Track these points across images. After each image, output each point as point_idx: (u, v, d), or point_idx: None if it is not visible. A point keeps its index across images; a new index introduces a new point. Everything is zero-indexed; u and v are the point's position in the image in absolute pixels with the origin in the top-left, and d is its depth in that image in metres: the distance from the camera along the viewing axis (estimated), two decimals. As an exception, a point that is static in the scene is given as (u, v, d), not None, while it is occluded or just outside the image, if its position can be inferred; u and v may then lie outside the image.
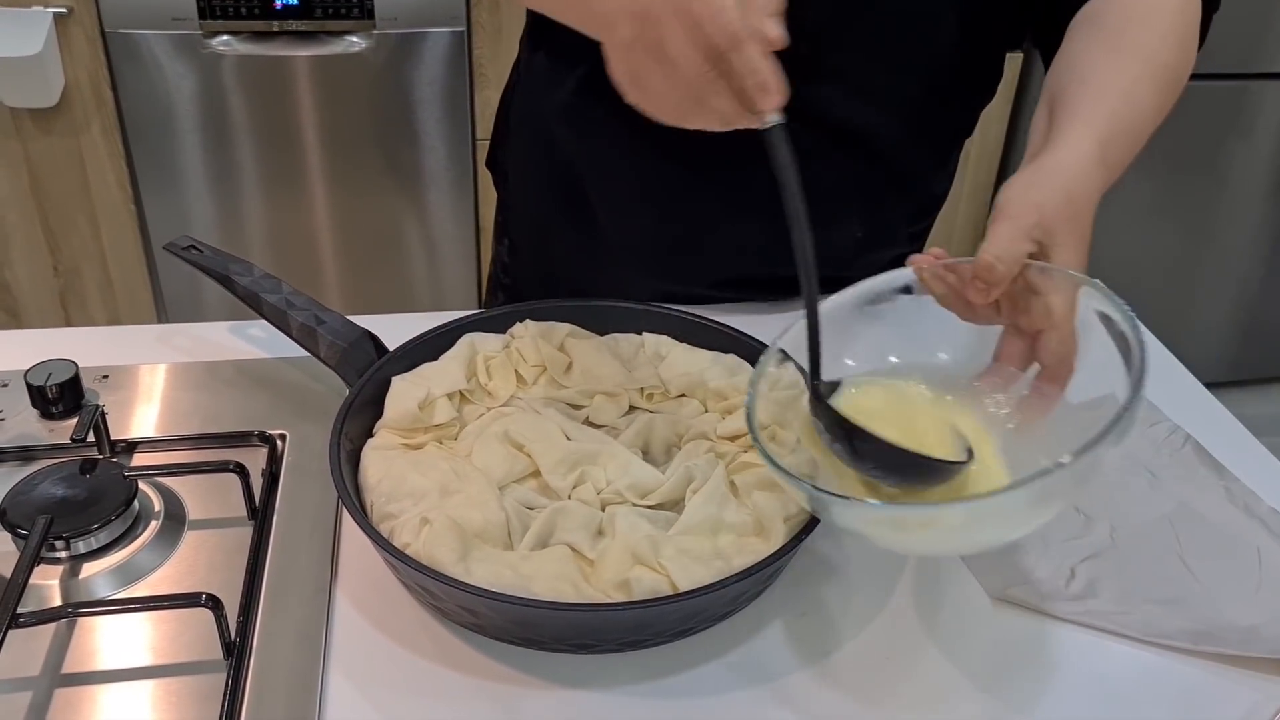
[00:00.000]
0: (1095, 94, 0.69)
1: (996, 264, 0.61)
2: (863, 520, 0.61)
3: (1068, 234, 0.62)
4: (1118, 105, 0.69)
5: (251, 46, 1.97)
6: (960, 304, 0.65)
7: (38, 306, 2.17)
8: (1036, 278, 0.62)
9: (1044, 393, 0.63)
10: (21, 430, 0.80)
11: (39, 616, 0.63)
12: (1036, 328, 0.63)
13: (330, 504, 0.75)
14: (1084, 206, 0.64)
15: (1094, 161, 0.65)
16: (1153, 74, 0.73)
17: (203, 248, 0.87)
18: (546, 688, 0.64)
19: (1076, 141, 0.66)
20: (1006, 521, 0.58)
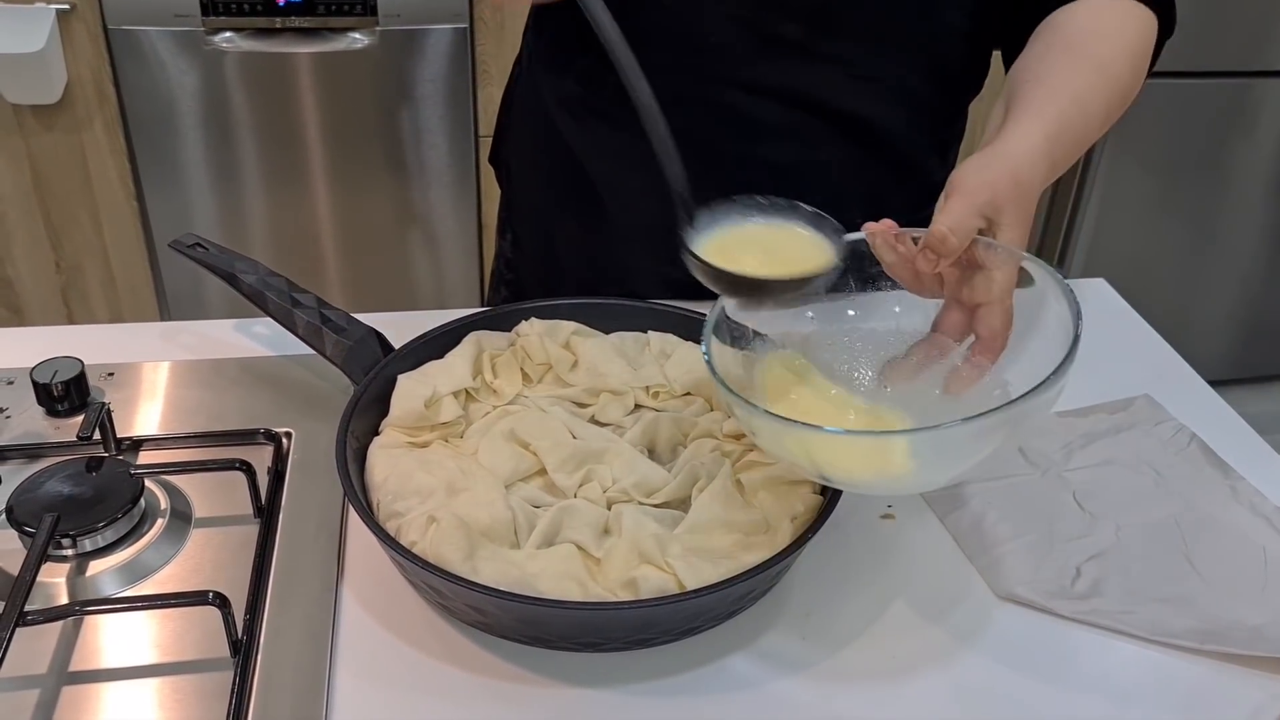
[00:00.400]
0: (1048, 93, 0.73)
1: (950, 235, 0.64)
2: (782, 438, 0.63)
3: (1014, 214, 0.66)
4: (1067, 107, 0.73)
5: (254, 43, 1.96)
6: (908, 274, 0.67)
7: (40, 303, 2.17)
8: (983, 253, 0.65)
9: (976, 365, 0.66)
10: (27, 428, 0.80)
11: (46, 614, 0.63)
12: (977, 301, 0.66)
13: (336, 502, 0.75)
14: (1029, 191, 0.67)
15: (1041, 154, 0.69)
16: (1105, 84, 0.77)
17: (208, 245, 0.87)
18: (553, 686, 0.64)
19: (1027, 134, 0.70)
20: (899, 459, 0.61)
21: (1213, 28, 2.07)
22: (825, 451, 0.63)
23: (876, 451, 0.63)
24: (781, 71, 0.89)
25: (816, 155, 0.93)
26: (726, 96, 0.90)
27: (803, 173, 0.93)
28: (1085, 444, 0.84)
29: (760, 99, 0.90)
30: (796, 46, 0.88)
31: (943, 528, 0.76)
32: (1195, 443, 0.84)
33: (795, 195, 0.95)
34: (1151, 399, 0.89)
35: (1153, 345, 0.99)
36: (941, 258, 0.64)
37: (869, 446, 0.64)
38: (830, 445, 0.63)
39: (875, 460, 0.63)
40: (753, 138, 0.92)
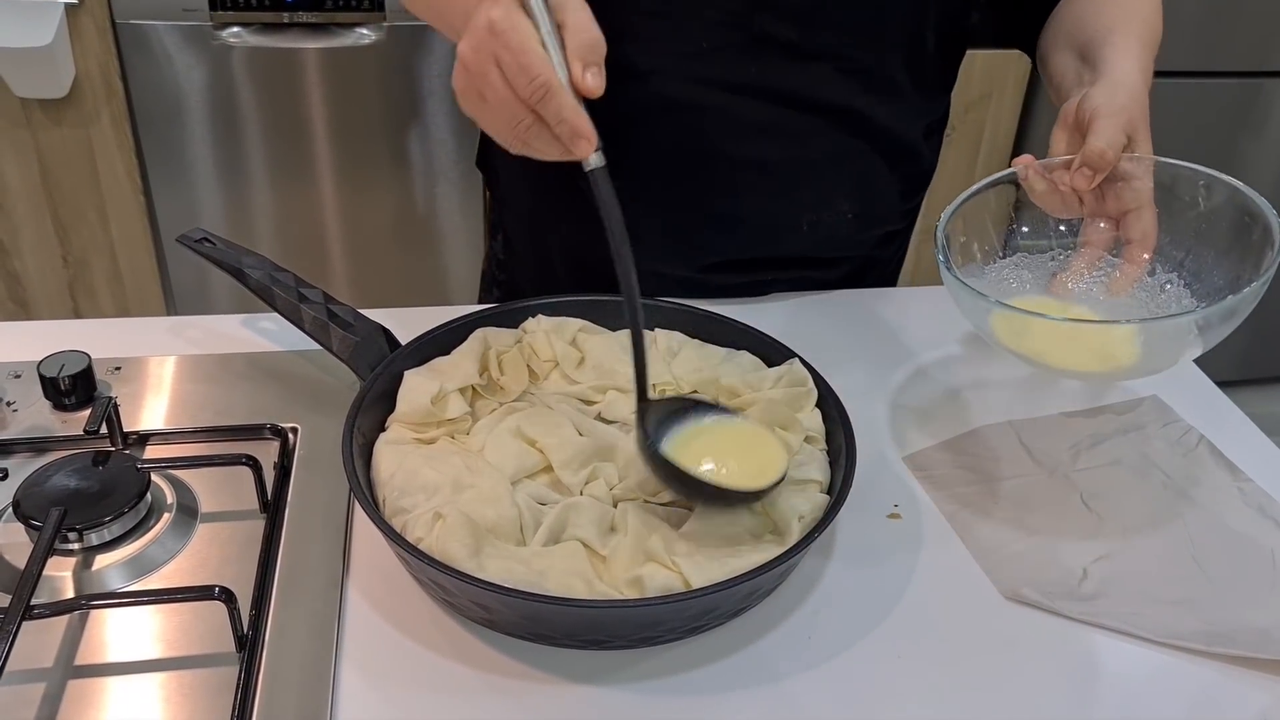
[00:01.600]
0: (1126, 35, 0.84)
1: (1107, 150, 0.73)
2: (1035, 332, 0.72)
3: (1144, 130, 0.76)
4: (1147, 48, 0.84)
5: (261, 38, 1.97)
6: (1055, 199, 0.77)
7: (47, 297, 2.18)
8: (1127, 166, 0.75)
9: (1134, 264, 0.76)
10: (34, 421, 0.80)
11: (53, 608, 0.63)
12: (1126, 209, 0.75)
13: (342, 497, 0.75)
14: (1147, 110, 0.78)
15: (1142, 81, 0.80)
16: (1153, 34, 0.88)
17: (215, 240, 0.87)
18: (558, 683, 0.64)
19: (1128, 65, 0.80)
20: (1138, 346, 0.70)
21: (1222, 28, 2.07)
22: (1067, 344, 0.72)
23: (1108, 342, 0.71)
24: (771, 71, 0.90)
25: (805, 152, 0.94)
26: (715, 99, 0.91)
27: (791, 170, 0.94)
28: (1093, 444, 0.83)
29: (749, 99, 0.91)
30: (787, 45, 0.89)
31: (949, 527, 0.76)
32: (1204, 444, 0.84)
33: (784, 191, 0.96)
34: (1160, 400, 0.89)
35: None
36: (1098, 172, 0.73)
37: (1106, 337, 0.72)
38: (1074, 337, 0.72)
39: (1105, 350, 0.71)
40: (741, 138, 0.93)
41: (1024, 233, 0.82)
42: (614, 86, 0.79)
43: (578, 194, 0.98)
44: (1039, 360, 0.73)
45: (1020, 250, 0.82)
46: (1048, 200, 0.77)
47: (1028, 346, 0.73)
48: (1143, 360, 0.71)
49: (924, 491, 0.79)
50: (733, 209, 0.97)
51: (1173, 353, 0.72)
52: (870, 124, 0.95)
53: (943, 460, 0.82)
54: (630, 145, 0.94)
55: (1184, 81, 2.12)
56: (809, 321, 0.97)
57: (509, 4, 0.65)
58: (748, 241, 0.98)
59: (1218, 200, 0.76)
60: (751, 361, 0.82)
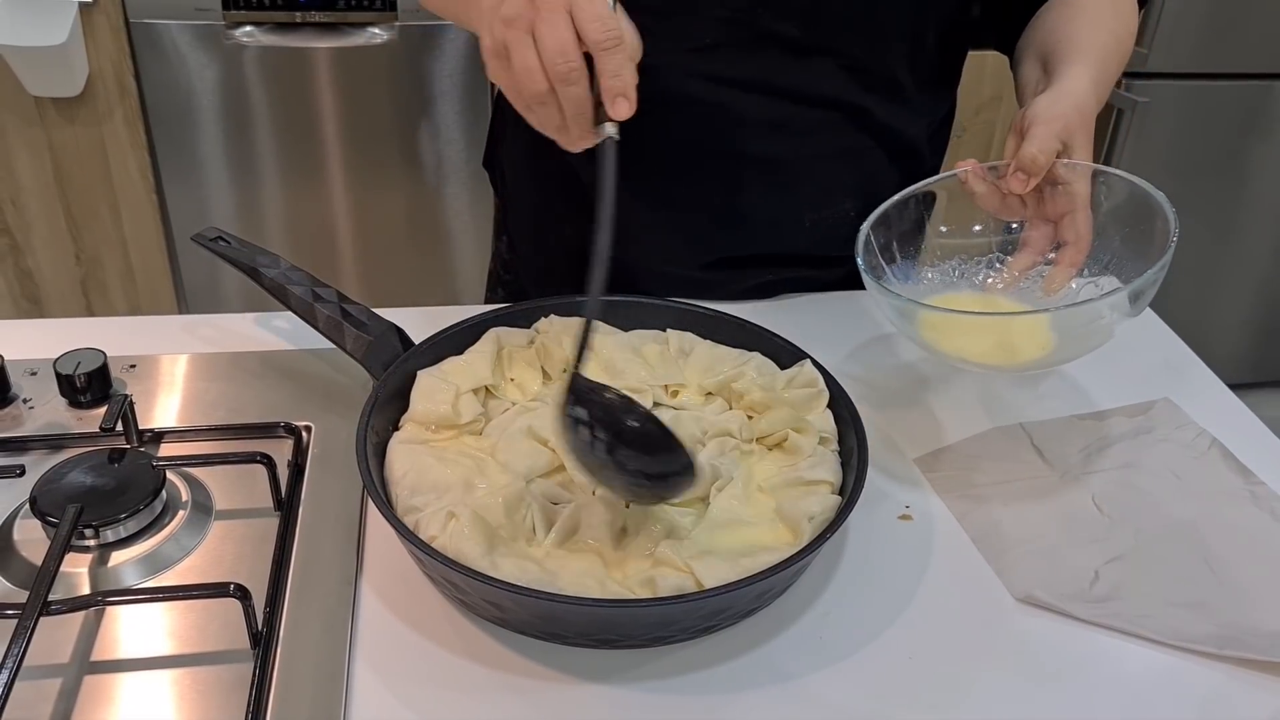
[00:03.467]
0: (1086, 49, 0.86)
1: (1039, 155, 0.76)
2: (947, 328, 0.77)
3: (1082, 137, 0.78)
4: (1101, 60, 0.86)
5: (274, 38, 1.97)
6: (996, 201, 0.80)
7: (59, 294, 2.19)
8: (1062, 171, 0.78)
9: (1067, 266, 0.79)
10: (50, 419, 0.81)
11: (69, 604, 0.63)
12: (1061, 212, 0.78)
13: (355, 496, 0.75)
14: (1090, 119, 0.80)
15: (1091, 94, 0.81)
16: (1118, 48, 0.90)
17: (230, 239, 0.88)
18: (570, 682, 0.64)
19: (1079, 78, 0.82)
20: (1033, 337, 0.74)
21: (1231, 30, 2.06)
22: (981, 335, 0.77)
23: (1027, 331, 0.75)
24: (773, 67, 0.91)
25: (807, 148, 0.95)
26: (718, 95, 0.92)
27: (793, 166, 0.95)
28: (1104, 447, 0.83)
29: (751, 95, 0.92)
30: (788, 42, 0.90)
31: (960, 529, 0.76)
32: (1215, 447, 0.84)
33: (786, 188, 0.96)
34: (1172, 403, 0.89)
35: (1173, 348, 0.98)
36: (1032, 176, 0.76)
37: (1024, 326, 0.76)
38: (987, 329, 0.76)
39: (1025, 339, 0.75)
40: (743, 134, 0.94)
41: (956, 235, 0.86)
42: None
43: (579, 194, 0.99)
44: (959, 356, 0.77)
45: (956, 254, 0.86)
46: (989, 202, 0.80)
47: (948, 344, 0.77)
48: (1058, 348, 0.74)
49: (935, 493, 0.79)
50: (735, 205, 0.97)
51: (1088, 338, 0.75)
52: (872, 121, 0.95)
53: (954, 462, 0.82)
54: (633, 141, 0.94)
55: (1193, 84, 2.11)
56: (820, 323, 0.97)
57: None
58: (750, 238, 0.99)
59: (1119, 198, 0.79)
60: (763, 363, 0.82)
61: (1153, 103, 2.09)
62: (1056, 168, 0.77)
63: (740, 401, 0.79)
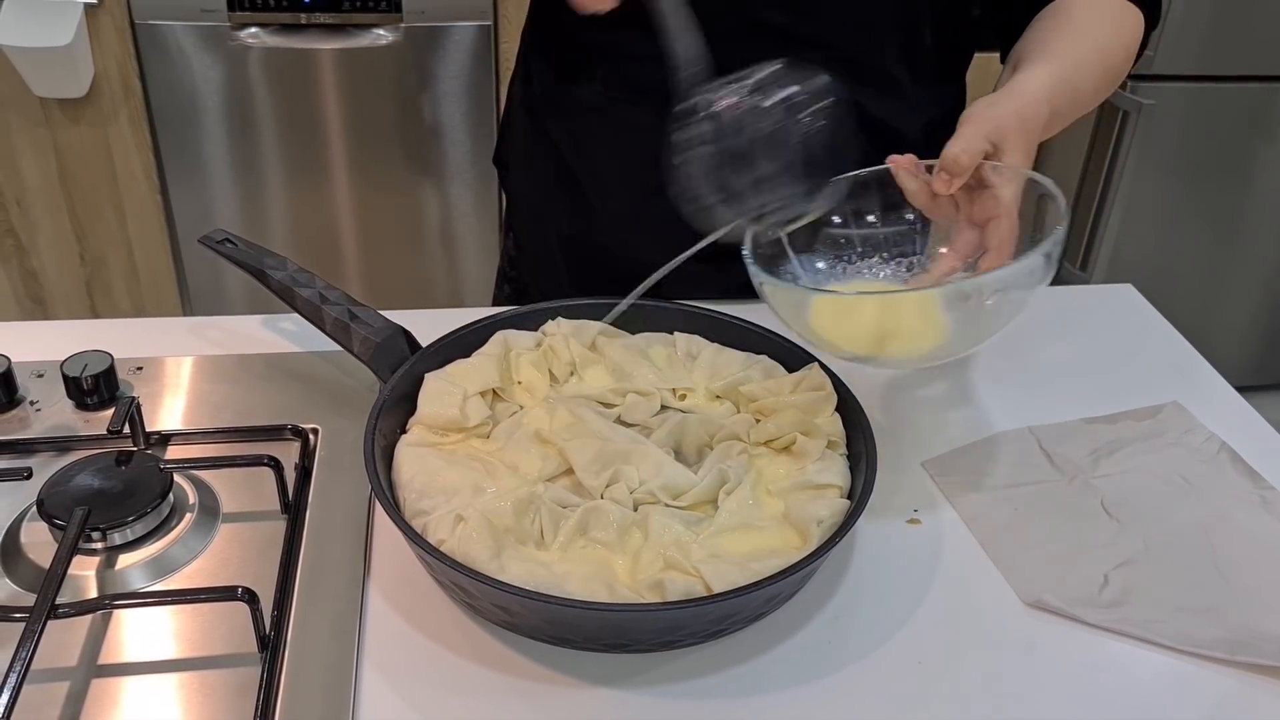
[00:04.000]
0: (1053, 55, 0.83)
1: (960, 155, 0.72)
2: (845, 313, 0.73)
3: (1017, 142, 0.74)
4: (1069, 68, 0.82)
5: (279, 39, 1.97)
6: (926, 198, 0.76)
7: (64, 295, 2.19)
8: (989, 174, 0.74)
9: (984, 271, 0.74)
10: (57, 421, 0.81)
11: (77, 608, 0.63)
12: (987, 216, 0.74)
13: (362, 499, 0.75)
14: (1031, 125, 0.76)
15: (1043, 97, 0.78)
16: (1101, 61, 0.86)
17: (237, 241, 0.88)
18: (578, 686, 0.64)
19: (1031, 81, 0.79)
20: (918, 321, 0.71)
21: (1237, 32, 2.06)
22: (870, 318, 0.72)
23: (918, 311, 0.71)
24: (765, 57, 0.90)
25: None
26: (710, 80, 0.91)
27: None
28: (1113, 451, 0.83)
29: None
30: (780, 33, 0.90)
31: (969, 533, 0.76)
32: (1224, 451, 0.84)
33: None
34: (1180, 406, 0.88)
35: (1180, 351, 0.98)
36: (954, 177, 0.73)
37: (911, 306, 0.72)
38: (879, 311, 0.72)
39: (916, 321, 0.71)
40: None
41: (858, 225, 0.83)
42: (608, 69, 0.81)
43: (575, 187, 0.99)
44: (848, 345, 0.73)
45: (857, 245, 0.83)
46: (919, 200, 0.77)
47: (836, 332, 0.73)
48: (955, 334, 0.71)
49: (944, 497, 0.79)
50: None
51: (984, 318, 0.72)
52: (866, 116, 0.95)
53: (963, 466, 0.82)
54: (625, 130, 0.95)
55: (1198, 86, 2.11)
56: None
57: None
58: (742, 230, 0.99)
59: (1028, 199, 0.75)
60: (771, 366, 0.82)
61: (1158, 105, 2.08)
62: (983, 170, 0.74)
63: (748, 405, 0.79)
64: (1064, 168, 2.29)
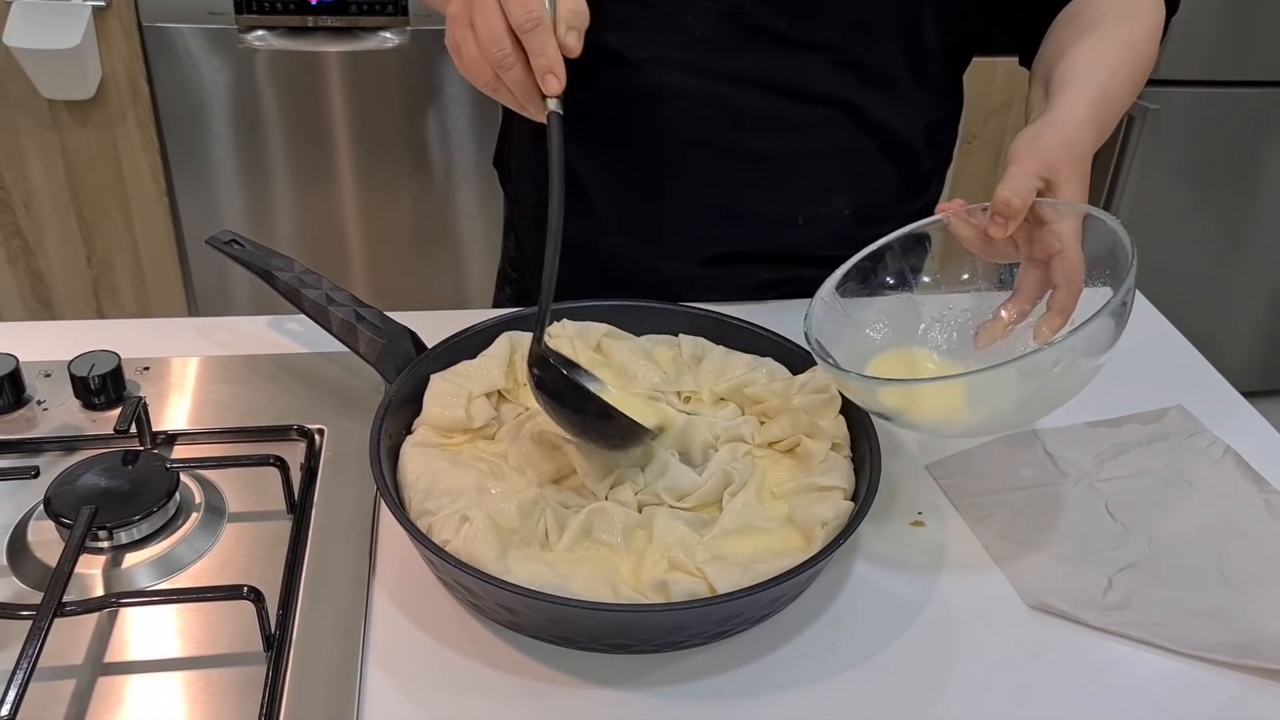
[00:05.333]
0: (1086, 68, 0.81)
1: (1012, 199, 0.70)
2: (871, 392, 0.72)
3: (1069, 173, 0.72)
4: (1104, 78, 0.80)
5: (286, 42, 1.98)
6: (983, 243, 0.74)
7: (70, 297, 2.19)
8: (1046, 211, 0.72)
9: (1058, 312, 0.72)
10: (64, 420, 0.81)
11: (83, 606, 0.63)
12: (1048, 254, 0.72)
13: (368, 499, 0.75)
14: (1081, 152, 0.74)
15: (1087, 119, 0.76)
16: (1131, 59, 0.84)
17: (244, 242, 0.88)
18: (582, 686, 0.64)
19: (1073, 103, 0.77)
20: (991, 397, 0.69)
21: (1244, 37, 2.06)
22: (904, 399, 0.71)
23: (941, 396, 0.69)
24: (764, 61, 0.91)
25: (800, 144, 0.95)
26: (713, 88, 0.92)
27: (786, 162, 0.95)
28: (1118, 454, 0.83)
29: (745, 89, 0.92)
30: (779, 36, 0.90)
31: (973, 535, 0.76)
32: (1229, 455, 0.84)
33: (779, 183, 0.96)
34: (1185, 410, 0.88)
35: (1186, 355, 0.98)
36: (1009, 220, 0.71)
37: (932, 392, 0.70)
38: (905, 394, 0.71)
39: (942, 404, 0.69)
40: (735, 128, 0.94)
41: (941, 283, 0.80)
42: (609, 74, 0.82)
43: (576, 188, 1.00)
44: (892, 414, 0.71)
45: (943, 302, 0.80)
46: (976, 246, 0.75)
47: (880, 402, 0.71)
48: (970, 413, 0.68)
49: (948, 499, 0.79)
50: (728, 200, 0.97)
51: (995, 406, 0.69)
52: (865, 118, 0.95)
53: (967, 468, 0.82)
54: (627, 134, 0.95)
55: (1205, 91, 2.11)
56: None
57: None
58: (744, 234, 0.99)
59: (1101, 244, 0.72)
60: (775, 368, 0.82)
61: (1165, 110, 2.08)
62: (1040, 208, 0.72)
63: (753, 407, 0.79)
64: (1069, 172, 2.29)
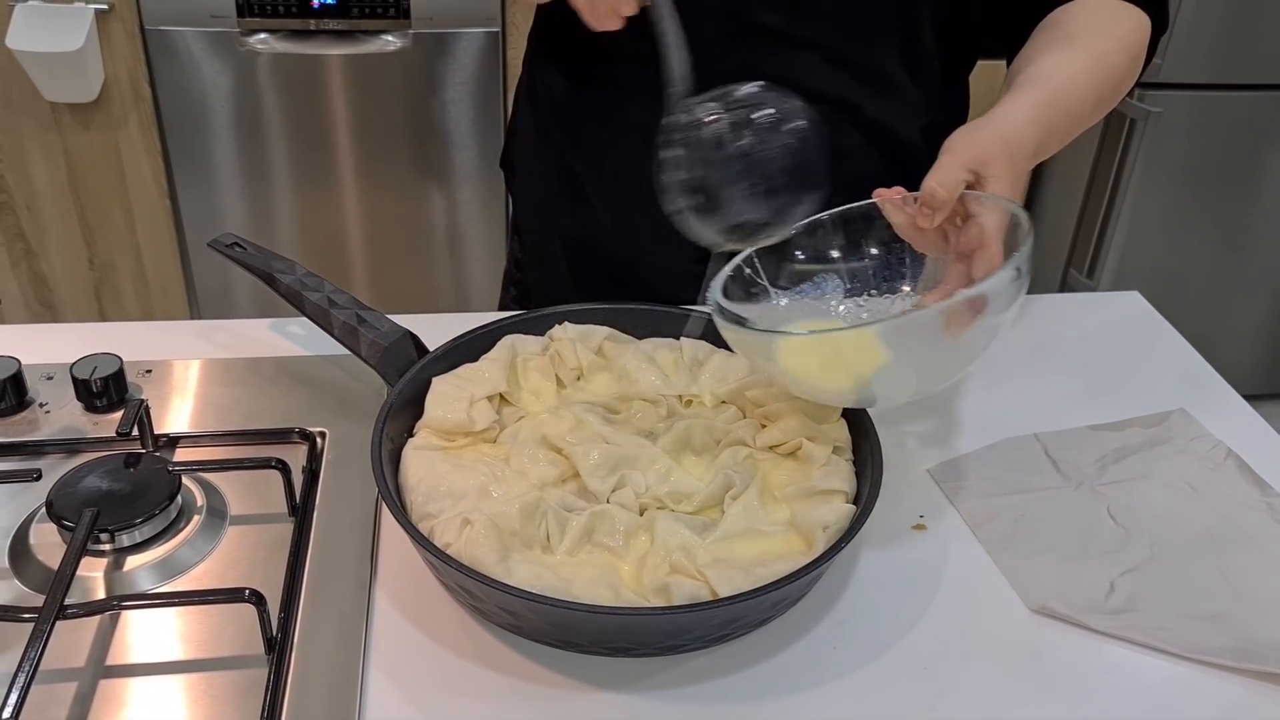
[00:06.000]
0: (1044, 75, 0.80)
1: (938, 189, 0.70)
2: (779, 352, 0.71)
3: (1000, 169, 0.72)
4: (1060, 84, 0.80)
5: (288, 45, 1.98)
6: (914, 232, 0.74)
7: (73, 299, 2.20)
8: (973, 204, 0.71)
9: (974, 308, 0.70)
10: (66, 423, 0.81)
11: (85, 609, 0.63)
12: (971, 247, 0.71)
13: (369, 502, 0.75)
14: (1017, 150, 0.73)
15: (1030, 119, 0.75)
16: (1098, 70, 0.83)
17: (246, 245, 0.88)
18: (583, 690, 0.64)
19: (1017, 102, 0.77)
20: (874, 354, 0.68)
21: (1245, 40, 2.06)
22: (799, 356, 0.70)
23: (857, 349, 0.68)
24: (762, 58, 0.91)
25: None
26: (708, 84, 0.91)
27: None
28: (1119, 458, 0.83)
29: None
30: (775, 33, 0.90)
31: (975, 539, 0.76)
32: (1231, 458, 0.83)
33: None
34: (1187, 413, 0.88)
35: (1187, 359, 0.98)
36: (935, 211, 0.71)
37: (849, 344, 0.69)
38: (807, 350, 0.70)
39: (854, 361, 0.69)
40: None
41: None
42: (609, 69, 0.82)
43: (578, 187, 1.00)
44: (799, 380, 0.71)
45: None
46: (909, 234, 0.75)
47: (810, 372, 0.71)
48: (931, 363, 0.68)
49: (949, 503, 0.79)
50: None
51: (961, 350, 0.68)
52: (862, 117, 0.95)
53: (968, 472, 0.82)
54: (625, 129, 0.95)
55: (1205, 94, 2.11)
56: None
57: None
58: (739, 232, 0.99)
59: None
60: (777, 371, 0.82)
61: (1166, 113, 2.08)
62: (967, 200, 0.71)
63: (754, 410, 0.79)
64: (1071, 175, 2.29)
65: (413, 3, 1.95)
